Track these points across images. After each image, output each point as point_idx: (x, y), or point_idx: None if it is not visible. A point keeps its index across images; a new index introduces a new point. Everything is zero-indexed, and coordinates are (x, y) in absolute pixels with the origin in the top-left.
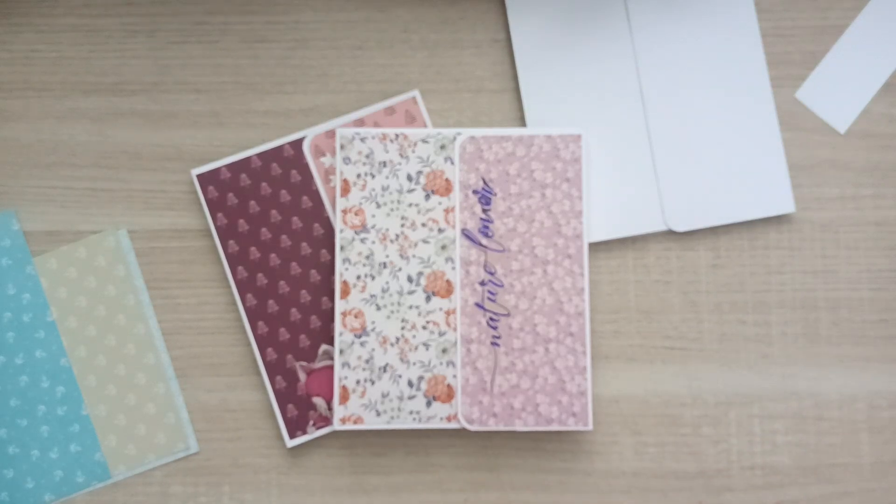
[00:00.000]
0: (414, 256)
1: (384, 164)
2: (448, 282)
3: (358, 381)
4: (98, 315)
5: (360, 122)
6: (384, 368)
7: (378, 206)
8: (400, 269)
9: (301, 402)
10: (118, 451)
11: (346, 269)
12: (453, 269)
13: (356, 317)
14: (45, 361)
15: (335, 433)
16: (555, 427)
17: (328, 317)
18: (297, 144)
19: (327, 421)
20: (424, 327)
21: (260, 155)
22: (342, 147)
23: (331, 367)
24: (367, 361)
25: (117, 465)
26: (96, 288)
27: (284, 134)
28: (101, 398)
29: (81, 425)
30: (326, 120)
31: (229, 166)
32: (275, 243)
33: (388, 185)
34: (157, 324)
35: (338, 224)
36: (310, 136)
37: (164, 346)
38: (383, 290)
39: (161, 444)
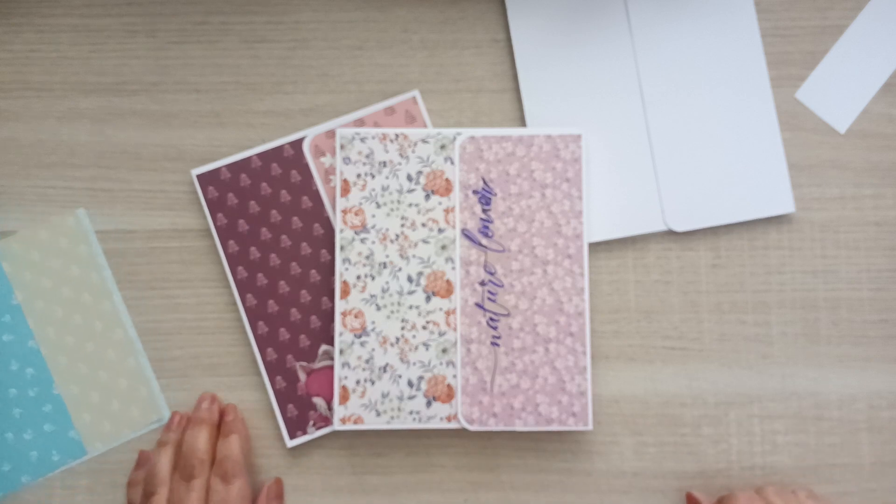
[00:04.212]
0: (414, 256)
1: (384, 164)
2: (448, 282)
3: (358, 381)
4: (64, 295)
5: (360, 122)
6: (384, 368)
7: (378, 206)
8: (400, 269)
9: (301, 402)
10: (93, 427)
11: (346, 269)
12: (453, 269)
13: (356, 317)
14: (12, 344)
15: (335, 433)
16: (555, 427)
17: (328, 317)
18: (297, 144)
19: (327, 421)
20: (424, 327)
21: (260, 155)
22: (342, 147)
23: (331, 367)
24: (367, 361)
25: (93, 442)
26: (60, 268)
27: (284, 134)
28: (72, 377)
29: (53, 405)
30: (326, 120)
31: (229, 166)
32: (275, 243)
33: (388, 185)
34: (122, 299)
35: (338, 224)
36: (310, 136)
37: (131, 321)
38: (383, 290)
39: (135, 418)
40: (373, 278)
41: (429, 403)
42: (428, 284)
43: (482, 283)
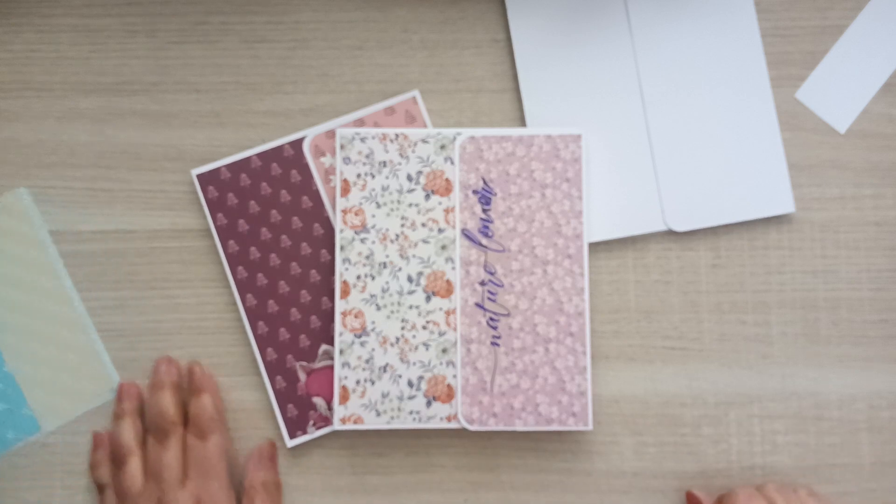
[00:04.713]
0: (414, 256)
1: (384, 164)
2: (448, 282)
3: (358, 381)
4: (10, 275)
5: (360, 122)
6: (384, 368)
7: (378, 206)
8: (400, 269)
9: (301, 402)
10: (47, 403)
11: (346, 269)
12: (453, 269)
13: (356, 317)
14: None
15: (335, 433)
16: (555, 427)
17: (328, 317)
18: (297, 144)
19: (327, 421)
20: (424, 327)
21: (260, 155)
22: (342, 147)
23: (331, 367)
24: (367, 361)
25: (48, 418)
26: (5, 248)
27: (284, 134)
28: (23, 355)
29: (5, 383)
30: (326, 120)
31: (229, 166)
32: (275, 243)
33: (388, 185)
34: (69, 276)
35: (338, 224)
36: (310, 136)
37: (79, 297)
38: (383, 290)
39: (88, 391)
40: (373, 278)
41: (429, 403)
42: (428, 284)
43: (482, 283)
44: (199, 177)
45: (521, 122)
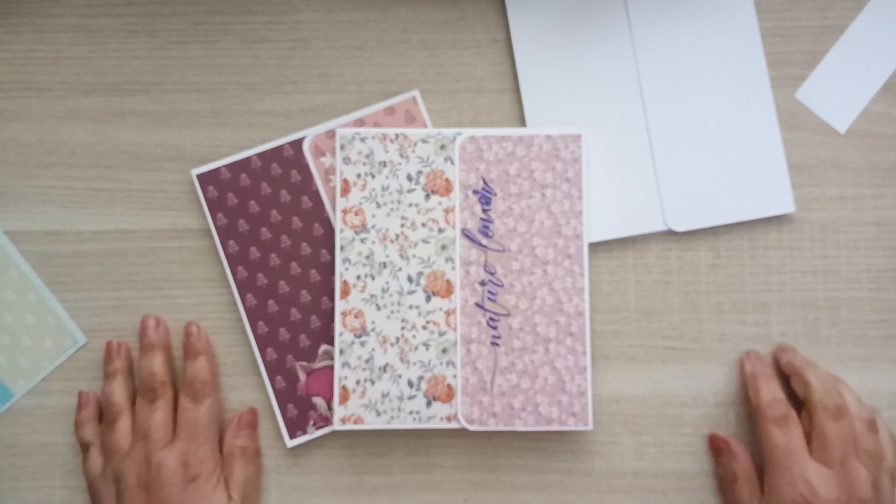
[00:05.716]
0: (414, 256)
1: (384, 164)
2: (448, 282)
3: (358, 381)
4: None
5: (360, 122)
6: (384, 368)
7: (378, 206)
8: (400, 269)
9: (301, 402)
10: (12, 368)
11: (346, 269)
12: (453, 269)
13: (356, 317)
14: None
15: (335, 433)
16: (555, 427)
17: (328, 317)
18: (297, 144)
19: (327, 421)
20: (424, 327)
21: (260, 155)
22: (342, 147)
23: (331, 367)
24: (367, 361)
25: (16, 382)
26: None
27: (284, 134)
28: None
29: None
30: (326, 120)
31: (229, 166)
32: (275, 243)
33: (388, 185)
34: (8, 239)
35: (338, 224)
36: (310, 136)
37: (23, 258)
38: (383, 290)
39: (50, 348)
40: (373, 278)
41: (429, 403)
42: (428, 284)
43: (482, 283)
44: (199, 177)
45: (521, 122)
